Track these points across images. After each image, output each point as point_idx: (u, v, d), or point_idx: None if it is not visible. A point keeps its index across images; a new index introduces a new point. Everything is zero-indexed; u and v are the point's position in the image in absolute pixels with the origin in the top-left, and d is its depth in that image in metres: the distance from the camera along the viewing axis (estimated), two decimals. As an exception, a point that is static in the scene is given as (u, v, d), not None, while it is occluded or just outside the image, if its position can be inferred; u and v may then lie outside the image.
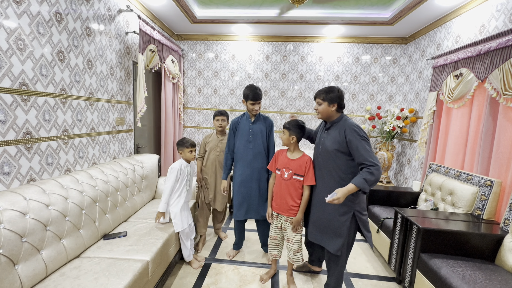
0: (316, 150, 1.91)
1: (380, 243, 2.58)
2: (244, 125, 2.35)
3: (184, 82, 4.35)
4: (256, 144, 2.31)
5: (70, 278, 1.46)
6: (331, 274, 1.91)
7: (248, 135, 2.32)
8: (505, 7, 2.27)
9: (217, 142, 2.60)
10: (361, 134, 1.66)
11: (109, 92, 2.56)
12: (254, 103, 2.25)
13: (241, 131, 2.35)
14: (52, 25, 1.84)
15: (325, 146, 1.80)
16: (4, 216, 1.30)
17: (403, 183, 3.86)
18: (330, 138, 1.77)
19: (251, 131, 2.32)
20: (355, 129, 1.66)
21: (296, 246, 2.02)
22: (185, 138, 2.30)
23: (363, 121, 4.16)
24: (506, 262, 1.76)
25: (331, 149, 1.75)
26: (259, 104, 2.28)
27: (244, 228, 2.60)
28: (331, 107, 1.76)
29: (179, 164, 2.22)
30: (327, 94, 1.75)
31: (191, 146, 2.26)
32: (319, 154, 1.87)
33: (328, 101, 1.75)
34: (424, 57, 3.48)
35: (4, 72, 1.52)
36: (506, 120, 2.10)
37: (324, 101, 1.76)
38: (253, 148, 2.31)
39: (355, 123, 1.72)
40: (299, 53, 4.13)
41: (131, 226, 2.15)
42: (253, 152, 2.31)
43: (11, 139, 1.58)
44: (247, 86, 2.26)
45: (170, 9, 3.25)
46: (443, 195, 2.46)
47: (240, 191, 2.35)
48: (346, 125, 1.71)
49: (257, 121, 2.35)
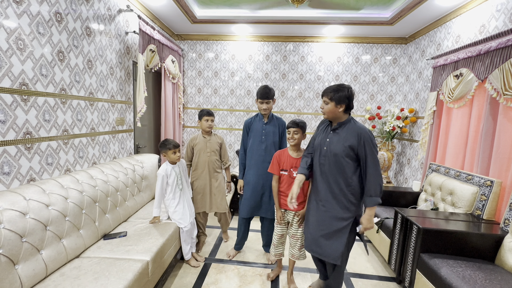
0: (319, 152, 1.74)
1: (380, 243, 2.58)
2: (257, 126, 2.38)
3: (184, 82, 4.35)
4: (269, 144, 2.34)
5: (70, 278, 1.46)
6: (332, 274, 1.89)
7: (261, 135, 2.35)
8: (505, 7, 2.27)
9: (205, 143, 2.49)
10: (376, 148, 1.60)
11: (109, 92, 2.56)
12: (262, 102, 2.27)
13: (254, 131, 2.38)
14: (52, 25, 1.84)
15: (331, 149, 1.66)
16: (4, 216, 1.30)
17: (403, 183, 3.86)
18: (339, 140, 1.64)
19: (264, 131, 2.35)
20: (372, 140, 1.58)
21: (300, 242, 2.04)
22: (166, 139, 2.25)
23: (363, 121, 4.16)
24: (506, 262, 1.76)
25: (340, 152, 1.62)
26: (267, 103, 2.28)
27: (248, 228, 2.57)
28: (338, 108, 1.62)
29: (164, 170, 2.23)
30: (336, 93, 1.60)
31: (174, 147, 2.23)
32: (323, 156, 1.70)
33: (336, 101, 1.60)
34: (424, 57, 3.48)
35: (4, 72, 1.52)
36: (506, 120, 2.10)
37: (332, 101, 1.61)
38: (266, 148, 2.33)
39: (369, 130, 1.63)
40: (299, 53, 4.13)
41: (131, 226, 2.15)
42: (266, 152, 2.33)
43: (11, 139, 1.58)
44: (261, 85, 2.30)
45: (170, 9, 3.25)
46: (443, 195, 2.46)
47: (251, 190, 2.37)
48: (360, 130, 1.59)
49: (270, 121, 2.37)
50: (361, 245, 2.93)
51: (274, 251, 2.17)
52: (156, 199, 2.21)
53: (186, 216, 2.28)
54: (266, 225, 2.50)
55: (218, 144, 2.54)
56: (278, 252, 2.17)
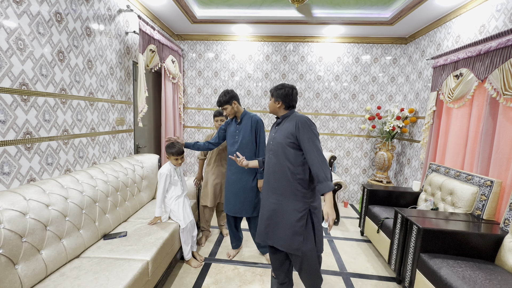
0: (268, 147, 1.82)
1: (380, 243, 2.58)
2: (231, 127, 2.40)
3: (184, 82, 4.35)
4: (241, 143, 2.32)
5: (70, 278, 1.46)
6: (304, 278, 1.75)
7: (235, 136, 2.36)
8: (505, 7, 2.27)
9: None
10: (313, 133, 1.62)
11: (109, 92, 2.56)
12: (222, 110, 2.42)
13: (229, 133, 2.40)
14: (52, 25, 1.84)
15: (276, 140, 1.73)
16: (4, 216, 1.30)
17: (403, 183, 3.86)
18: (281, 131, 1.72)
19: (237, 131, 2.35)
20: (309, 125, 1.62)
21: None
22: (174, 144, 2.28)
23: (363, 121, 4.16)
24: (506, 262, 1.76)
25: (282, 141, 1.68)
26: (225, 109, 2.30)
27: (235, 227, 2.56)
28: (276, 104, 1.76)
29: (167, 169, 2.26)
30: (275, 91, 1.75)
31: (177, 154, 2.26)
32: (270, 150, 1.78)
33: (275, 97, 1.76)
34: (424, 57, 3.48)
35: (4, 72, 1.52)
36: (506, 120, 2.10)
37: (272, 97, 1.79)
38: (238, 148, 2.30)
39: (307, 117, 1.67)
40: (299, 53, 4.13)
41: (131, 226, 2.15)
42: (239, 151, 2.27)
43: (11, 139, 1.58)
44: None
45: (170, 9, 3.25)
46: (443, 195, 2.46)
47: (230, 190, 2.39)
48: (297, 118, 1.65)
49: (242, 120, 2.35)
50: (361, 245, 2.93)
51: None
52: (158, 199, 2.23)
53: (186, 216, 2.29)
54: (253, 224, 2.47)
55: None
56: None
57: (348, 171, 4.31)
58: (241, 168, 2.32)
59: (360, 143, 4.23)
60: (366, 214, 2.98)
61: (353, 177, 4.32)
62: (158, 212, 2.22)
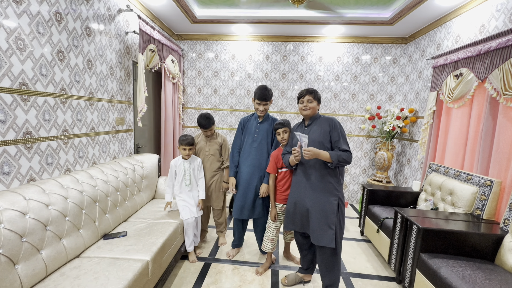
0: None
1: (380, 243, 2.58)
2: (251, 125, 2.39)
3: (184, 82, 4.35)
4: (260, 143, 2.33)
5: (70, 278, 1.46)
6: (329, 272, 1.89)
7: (254, 134, 2.35)
8: (505, 7, 2.27)
9: (205, 143, 2.57)
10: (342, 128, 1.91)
11: (109, 92, 2.56)
12: (259, 103, 2.27)
13: (248, 130, 2.39)
14: (52, 25, 1.84)
15: (311, 139, 1.88)
16: (4, 216, 1.30)
17: (403, 183, 3.86)
18: (315, 131, 1.90)
19: (256, 130, 2.35)
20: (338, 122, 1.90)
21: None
22: (186, 135, 2.38)
23: (363, 121, 4.16)
24: (506, 262, 1.76)
25: (322, 139, 1.86)
26: (265, 105, 2.28)
27: (244, 228, 2.58)
28: (318, 106, 1.97)
29: (175, 160, 2.44)
30: (316, 94, 1.93)
31: (186, 144, 2.36)
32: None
33: (318, 101, 1.94)
34: (424, 57, 3.48)
35: (4, 72, 1.52)
36: (506, 120, 2.10)
37: (315, 100, 1.93)
38: (257, 147, 2.33)
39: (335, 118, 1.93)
40: (299, 53, 4.13)
41: (131, 226, 2.15)
42: (256, 151, 2.33)
43: (11, 139, 1.58)
44: (260, 86, 2.28)
45: (170, 9, 3.25)
46: (443, 195, 2.46)
47: (243, 189, 2.37)
48: (327, 119, 1.91)
49: (264, 121, 2.36)
50: (361, 245, 2.93)
51: (272, 245, 2.25)
52: (166, 186, 2.47)
53: (188, 210, 2.34)
54: (258, 226, 2.48)
55: (218, 145, 2.58)
56: (274, 245, 2.27)
57: (348, 171, 4.31)
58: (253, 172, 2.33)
59: (360, 143, 4.23)
60: (366, 214, 2.98)
61: (353, 177, 4.32)
62: (168, 197, 2.42)
